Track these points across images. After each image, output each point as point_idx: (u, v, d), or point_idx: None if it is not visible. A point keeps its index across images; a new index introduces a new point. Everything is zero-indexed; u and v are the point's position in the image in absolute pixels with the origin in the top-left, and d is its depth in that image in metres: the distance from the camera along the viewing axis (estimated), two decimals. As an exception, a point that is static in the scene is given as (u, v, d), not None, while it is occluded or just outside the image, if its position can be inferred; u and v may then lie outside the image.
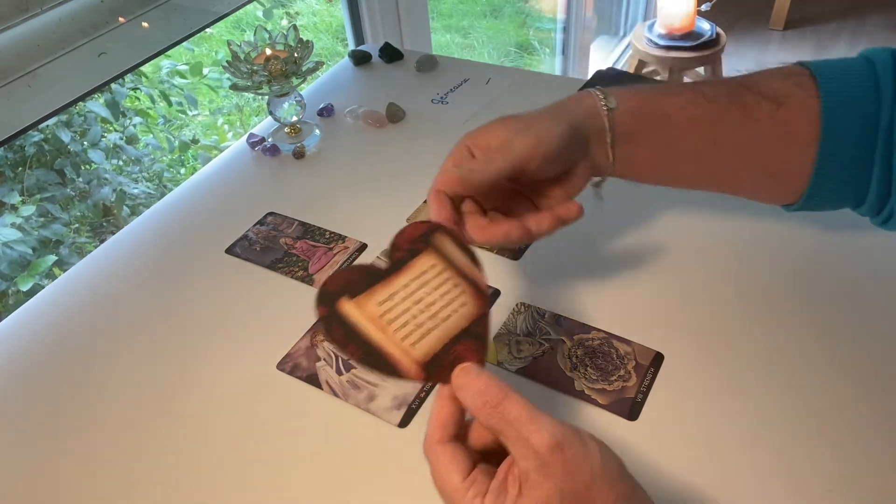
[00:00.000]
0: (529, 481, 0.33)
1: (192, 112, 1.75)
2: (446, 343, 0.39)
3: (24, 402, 0.55)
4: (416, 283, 0.40)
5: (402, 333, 0.39)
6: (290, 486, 0.48)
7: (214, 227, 0.70)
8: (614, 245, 0.63)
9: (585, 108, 0.48)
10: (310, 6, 2.34)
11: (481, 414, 0.35)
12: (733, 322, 0.55)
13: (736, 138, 0.48)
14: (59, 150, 1.34)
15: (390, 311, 0.39)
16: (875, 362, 0.51)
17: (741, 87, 0.47)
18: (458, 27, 2.51)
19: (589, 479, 0.33)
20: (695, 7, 2.04)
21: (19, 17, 0.66)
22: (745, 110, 0.47)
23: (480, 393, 0.35)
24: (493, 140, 0.47)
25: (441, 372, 0.38)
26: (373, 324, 0.39)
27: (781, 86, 0.46)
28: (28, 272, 1.20)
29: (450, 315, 0.40)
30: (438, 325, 0.39)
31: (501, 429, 0.34)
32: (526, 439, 0.33)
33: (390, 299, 0.39)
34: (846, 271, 0.58)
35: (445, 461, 0.35)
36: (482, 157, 0.47)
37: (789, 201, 0.50)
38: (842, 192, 0.48)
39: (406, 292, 0.40)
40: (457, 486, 0.35)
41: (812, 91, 0.45)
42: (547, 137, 0.46)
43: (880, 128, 0.45)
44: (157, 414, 0.53)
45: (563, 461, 0.32)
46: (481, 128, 0.48)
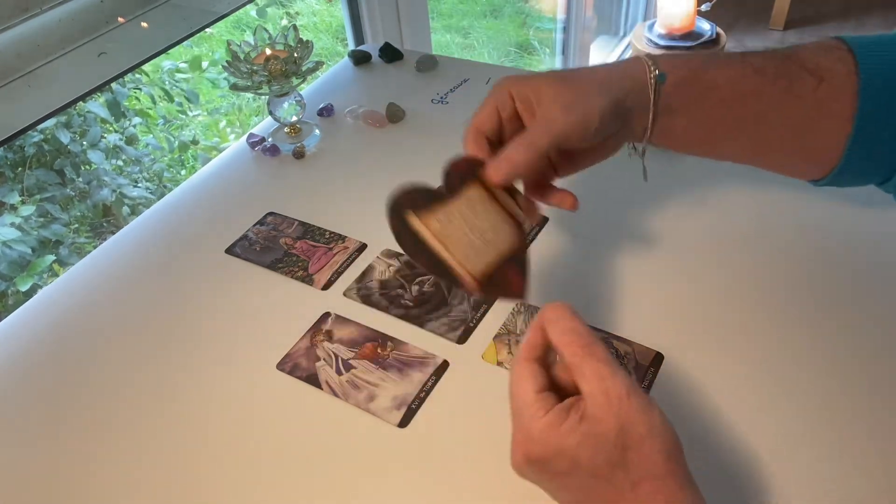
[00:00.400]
0: (592, 415, 0.36)
1: (193, 112, 1.75)
2: (497, 265, 0.44)
3: (24, 402, 0.55)
4: (468, 209, 0.45)
5: (463, 252, 0.44)
6: (290, 486, 0.48)
7: (214, 227, 0.70)
8: (614, 245, 0.63)
9: (634, 81, 0.47)
10: (310, 6, 2.34)
11: (567, 348, 0.38)
12: (733, 322, 0.55)
13: (778, 113, 0.47)
14: (58, 150, 1.34)
15: (448, 229, 0.44)
16: (876, 361, 0.51)
17: (787, 60, 0.47)
18: (458, 27, 2.51)
19: (644, 432, 0.35)
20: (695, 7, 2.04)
21: (19, 17, 0.66)
22: (789, 84, 0.46)
23: (571, 331, 0.38)
24: (538, 104, 0.47)
25: (493, 288, 0.44)
26: (436, 238, 0.44)
27: (823, 60, 0.46)
28: (27, 272, 1.20)
29: (497, 241, 0.44)
30: (488, 249, 0.44)
31: (581, 365, 0.37)
32: (602, 379, 0.36)
33: (448, 219, 0.44)
34: (847, 270, 0.58)
35: (525, 375, 0.39)
36: (535, 120, 0.47)
37: (818, 176, 0.50)
38: (872, 169, 0.48)
39: (461, 216, 0.44)
40: (528, 397, 0.38)
41: (852, 67, 0.45)
42: (592, 116, 0.46)
43: None
44: (156, 414, 0.53)
45: (627, 407, 0.35)
46: (527, 78, 0.47)
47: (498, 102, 0.47)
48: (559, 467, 0.36)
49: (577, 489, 0.36)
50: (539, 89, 0.47)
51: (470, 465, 0.48)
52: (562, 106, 0.46)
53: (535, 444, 0.36)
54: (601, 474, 0.35)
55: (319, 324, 0.58)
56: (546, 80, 0.47)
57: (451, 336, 0.56)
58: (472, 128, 0.48)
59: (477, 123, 0.48)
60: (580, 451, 0.35)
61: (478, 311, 0.58)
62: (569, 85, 0.46)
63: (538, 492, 0.46)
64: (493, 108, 0.47)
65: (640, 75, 0.47)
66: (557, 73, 0.48)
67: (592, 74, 0.47)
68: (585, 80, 0.47)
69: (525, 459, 0.37)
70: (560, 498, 0.39)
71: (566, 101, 0.46)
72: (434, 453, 0.49)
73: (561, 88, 0.46)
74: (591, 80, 0.47)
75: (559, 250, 0.63)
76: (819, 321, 0.55)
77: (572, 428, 0.36)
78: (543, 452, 0.36)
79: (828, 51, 0.46)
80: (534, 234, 0.65)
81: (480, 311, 0.58)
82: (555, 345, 0.39)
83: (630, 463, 0.35)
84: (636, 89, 0.47)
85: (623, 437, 0.35)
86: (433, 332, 0.57)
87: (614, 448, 0.35)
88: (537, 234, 0.65)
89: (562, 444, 0.36)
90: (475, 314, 0.58)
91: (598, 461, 0.35)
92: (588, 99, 0.46)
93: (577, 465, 0.36)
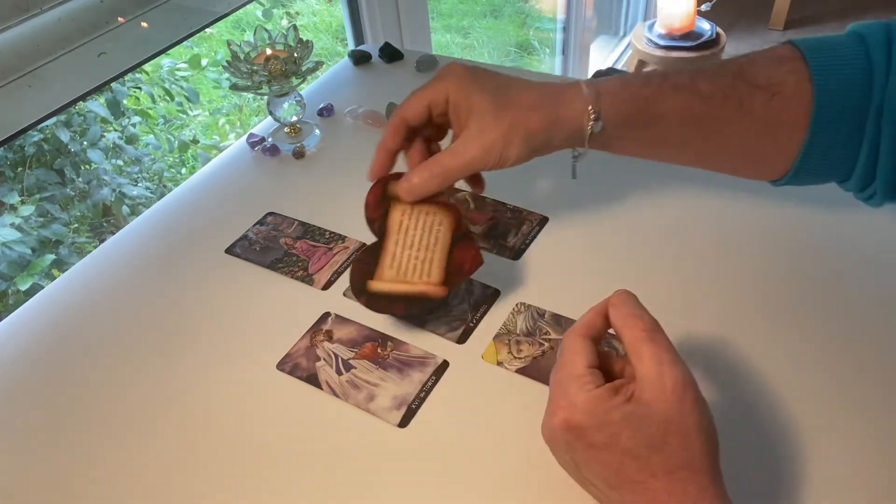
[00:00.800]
0: (642, 398, 0.36)
1: (193, 112, 1.75)
2: (446, 258, 0.50)
3: (24, 402, 0.55)
4: (402, 235, 0.50)
5: (417, 274, 0.50)
6: (290, 486, 0.48)
7: (214, 227, 0.70)
8: (614, 245, 0.63)
9: (570, 131, 0.49)
10: (310, 6, 2.34)
11: (629, 331, 0.38)
12: (733, 323, 0.55)
13: (727, 131, 0.48)
14: (58, 149, 1.33)
15: (400, 266, 0.50)
16: (878, 362, 0.51)
17: (737, 80, 0.47)
18: (458, 27, 2.51)
19: (692, 425, 0.36)
20: (695, 7, 2.04)
21: (19, 17, 0.66)
22: (739, 104, 0.47)
23: (636, 316, 0.39)
24: (465, 122, 0.49)
25: (456, 277, 0.51)
26: (396, 283, 0.50)
27: (775, 73, 0.47)
28: (27, 271, 1.20)
29: (437, 238, 0.50)
30: (434, 251, 0.50)
31: (641, 348, 0.37)
32: (661, 364, 0.36)
33: (394, 259, 0.50)
34: (839, 270, 0.58)
35: (579, 349, 0.39)
36: (454, 146, 0.50)
37: (774, 178, 0.51)
38: (828, 170, 0.49)
39: (400, 247, 0.50)
40: (579, 370, 0.38)
41: (805, 76, 0.46)
42: (508, 160, 0.49)
43: (870, 110, 0.45)
44: (156, 414, 0.53)
45: (681, 398, 0.36)
46: (467, 88, 0.49)
47: (432, 100, 0.49)
48: (596, 440, 0.36)
49: (607, 464, 0.37)
50: (472, 110, 0.48)
51: (470, 465, 0.48)
52: (482, 146, 0.48)
53: (579, 412, 0.37)
54: (638, 454, 0.36)
55: (319, 324, 0.58)
56: (482, 100, 0.48)
57: (451, 336, 0.56)
58: (399, 117, 0.50)
59: (404, 114, 0.50)
60: (622, 428, 0.36)
61: (478, 311, 0.58)
62: (498, 122, 0.48)
63: (538, 491, 0.46)
64: (425, 104, 0.49)
65: (577, 124, 0.48)
66: (497, 97, 0.48)
67: (527, 118, 0.48)
68: (517, 122, 0.48)
69: (565, 425, 0.37)
70: (585, 471, 0.39)
71: (487, 141, 0.48)
72: (434, 453, 0.49)
73: (489, 122, 0.48)
74: (523, 123, 0.48)
75: (559, 250, 0.63)
76: (822, 321, 0.55)
77: (619, 405, 0.36)
78: (585, 421, 0.37)
79: (780, 62, 0.47)
80: (534, 233, 0.65)
81: (480, 311, 0.58)
82: (616, 327, 0.39)
83: (670, 450, 0.35)
84: (570, 137, 0.49)
85: (668, 425, 0.35)
86: (433, 332, 0.57)
87: (657, 432, 0.35)
88: (538, 234, 0.65)
89: (606, 417, 0.36)
90: (475, 314, 0.58)
91: (637, 441, 0.35)
92: (509, 147, 0.48)
93: (616, 442, 0.36)
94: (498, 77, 0.50)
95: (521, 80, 0.50)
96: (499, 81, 0.49)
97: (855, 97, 0.45)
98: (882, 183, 0.47)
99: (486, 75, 0.50)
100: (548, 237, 0.65)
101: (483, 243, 0.64)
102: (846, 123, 0.46)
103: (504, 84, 0.49)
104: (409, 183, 0.52)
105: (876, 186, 0.48)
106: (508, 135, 0.48)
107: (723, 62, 0.49)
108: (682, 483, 0.35)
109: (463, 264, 0.51)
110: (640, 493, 0.36)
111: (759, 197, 0.66)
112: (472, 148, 0.49)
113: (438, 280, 0.51)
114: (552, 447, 0.41)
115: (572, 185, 0.68)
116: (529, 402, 0.51)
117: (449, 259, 0.51)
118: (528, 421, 0.50)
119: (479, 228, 0.65)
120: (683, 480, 0.35)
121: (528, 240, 0.64)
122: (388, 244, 0.51)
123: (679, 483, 0.35)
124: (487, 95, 0.48)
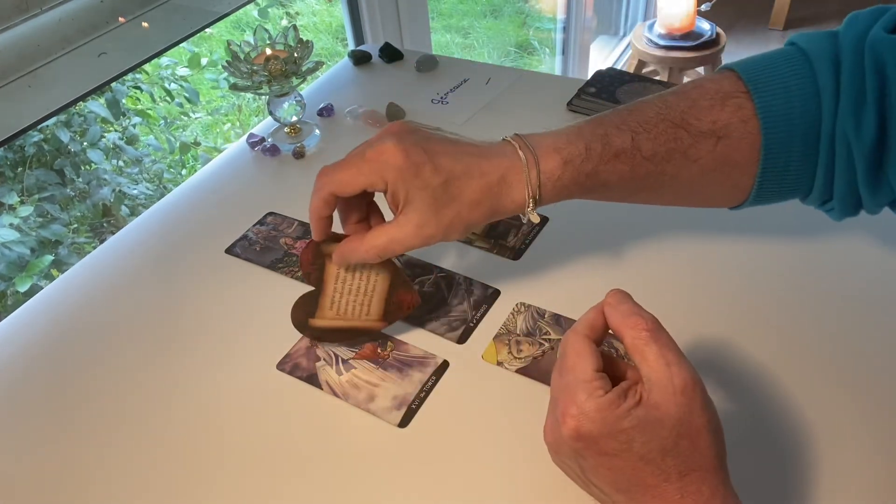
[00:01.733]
0: (652, 401, 0.36)
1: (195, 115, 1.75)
2: (385, 300, 0.53)
3: (24, 402, 0.55)
4: (340, 283, 0.53)
5: (356, 313, 0.54)
6: (290, 486, 0.48)
7: (214, 227, 0.70)
8: (614, 245, 0.63)
9: (513, 212, 0.49)
10: (310, 6, 2.34)
11: (630, 331, 0.37)
12: (732, 323, 0.55)
13: (676, 182, 0.48)
14: (58, 150, 1.33)
15: (339, 307, 0.54)
16: (888, 362, 0.51)
17: (678, 129, 0.46)
18: (458, 27, 2.51)
19: (702, 426, 0.36)
20: (695, 7, 2.04)
21: (19, 17, 0.66)
22: (684, 156, 0.46)
23: (636, 314, 0.38)
24: (403, 208, 0.47)
25: (395, 314, 0.54)
26: (336, 320, 0.54)
27: (719, 116, 0.46)
28: (26, 272, 1.20)
29: (374, 286, 0.53)
30: (372, 296, 0.53)
31: (644, 350, 0.37)
32: (668, 365, 0.36)
33: (333, 302, 0.53)
34: (835, 277, 0.58)
35: (585, 352, 0.38)
36: (392, 229, 0.48)
37: (732, 206, 0.51)
38: (786, 193, 0.49)
39: (339, 293, 0.53)
40: (587, 374, 0.37)
41: (750, 112, 0.45)
42: (445, 240, 0.48)
43: (821, 134, 0.45)
44: (156, 414, 0.53)
45: (691, 398, 0.35)
46: (405, 178, 0.46)
47: (369, 182, 0.47)
48: (609, 447, 0.36)
49: (621, 470, 0.36)
50: (411, 203, 0.47)
51: (470, 465, 0.48)
52: (421, 237, 0.48)
53: (590, 420, 0.36)
54: (652, 458, 0.35)
55: (319, 324, 0.58)
56: (423, 197, 0.46)
57: (451, 336, 0.56)
58: (328, 192, 0.48)
59: (336, 190, 0.48)
60: (635, 434, 0.35)
61: (478, 311, 0.58)
62: (439, 219, 0.47)
63: (538, 491, 0.46)
64: (361, 184, 0.47)
65: (518, 210, 0.49)
66: (438, 195, 0.47)
67: (469, 213, 0.48)
68: (458, 218, 0.48)
69: (575, 434, 0.37)
70: (591, 475, 0.38)
71: (426, 234, 0.47)
72: (434, 453, 0.49)
73: (429, 218, 0.47)
74: (465, 219, 0.48)
75: (559, 251, 0.63)
76: (821, 326, 0.55)
77: (629, 410, 0.36)
78: (597, 430, 0.36)
79: (723, 101, 0.46)
80: (534, 233, 0.65)
81: (480, 311, 0.58)
82: (615, 328, 0.39)
83: (682, 452, 0.35)
84: (517, 207, 0.48)
85: (680, 427, 0.35)
86: (433, 332, 0.57)
87: (669, 435, 0.35)
88: (538, 234, 0.65)
89: (618, 425, 0.36)
90: (475, 314, 0.58)
91: (651, 446, 0.35)
92: (448, 236, 0.48)
93: (629, 448, 0.36)
94: (442, 164, 0.47)
95: (464, 163, 0.47)
96: (443, 174, 0.47)
97: (803, 125, 0.44)
98: (838, 202, 0.47)
99: (429, 168, 0.46)
100: (548, 237, 0.65)
101: (483, 243, 0.64)
102: (797, 151, 0.45)
103: (447, 178, 0.47)
104: (340, 256, 0.51)
105: (834, 203, 0.47)
106: (448, 230, 0.48)
107: (663, 108, 0.47)
108: (695, 484, 0.35)
109: (401, 303, 0.54)
110: (652, 496, 0.36)
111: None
112: (410, 237, 0.48)
113: (378, 317, 0.54)
114: (556, 452, 0.40)
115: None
116: (529, 402, 0.51)
117: (388, 300, 0.54)
118: (528, 421, 0.50)
119: (479, 228, 0.65)
120: (697, 481, 0.35)
121: (528, 240, 0.65)
122: (327, 290, 0.53)
123: (693, 484, 0.35)
124: (428, 194, 0.46)
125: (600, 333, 0.40)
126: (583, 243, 0.64)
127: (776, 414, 0.49)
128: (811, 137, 0.45)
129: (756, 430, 0.48)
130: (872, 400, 0.49)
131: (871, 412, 0.48)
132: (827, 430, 0.47)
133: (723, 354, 0.53)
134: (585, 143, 0.47)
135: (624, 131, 0.47)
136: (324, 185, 0.49)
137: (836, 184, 0.46)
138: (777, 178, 0.47)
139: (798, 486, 0.45)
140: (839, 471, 0.45)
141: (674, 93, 0.48)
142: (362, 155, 0.47)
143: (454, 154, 0.47)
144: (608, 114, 0.49)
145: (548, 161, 0.47)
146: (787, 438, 0.47)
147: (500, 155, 0.48)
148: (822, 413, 0.48)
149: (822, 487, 0.44)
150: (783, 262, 0.60)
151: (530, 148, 0.47)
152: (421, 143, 0.47)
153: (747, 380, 0.51)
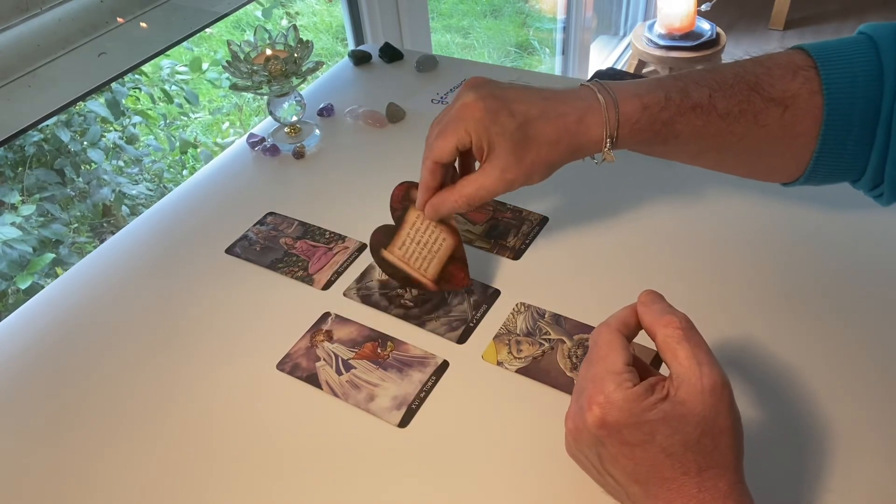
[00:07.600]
0: (679, 397, 0.36)
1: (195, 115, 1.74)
2: (443, 266, 0.57)
3: (24, 402, 0.55)
4: (413, 231, 0.58)
5: (417, 264, 0.58)
6: (290, 486, 0.48)
7: (214, 227, 0.70)
8: (614, 245, 0.63)
9: (586, 153, 0.51)
10: (310, 6, 2.34)
11: (662, 329, 0.38)
12: (733, 323, 0.55)
13: (742, 144, 0.49)
14: (58, 149, 1.33)
15: (406, 252, 0.58)
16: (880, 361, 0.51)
17: (753, 93, 0.48)
18: (458, 27, 2.51)
19: (725, 426, 0.36)
20: (695, 7, 2.04)
21: (19, 17, 0.66)
22: (754, 119, 0.48)
23: (668, 313, 0.39)
24: (488, 155, 0.50)
25: (444, 284, 0.58)
26: (400, 261, 0.59)
27: (789, 86, 0.48)
28: (27, 270, 1.20)
29: (439, 248, 0.57)
30: (435, 256, 0.57)
31: (676, 347, 0.37)
32: (699, 364, 0.37)
33: (403, 244, 0.58)
34: (846, 269, 0.58)
35: (617, 346, 0.39)
36: (477, 178, 0.51)
37: (787, 181, 0.53)
38: (839, 174, 0.50)
39: (410, 239, 0.58)
40: (618, 367, 0.38)
41: (816, 87, 0.47)
42: (528, 183, 0.51)
43: (881, 117, 0.46)
44: (156, 414, 0.53)
45: (719, 398, 0.36)
46: (488, 125, 0.49)
47: (458, 140, 0.50)
48: (631, 437, 0.37)
49: (641, 461, 0.37)
50: (493, 150, 0.50)
51: (470, 465, 0.48)
52: (504, 182, 0.50)
53: (616, 410, 0.37)
54: (673, 451, 0.36)
55: (319, 324, 0.58)
56: (503, 143, 0.49)
57: (451, 336, 0.56)
58: (432, 162, 0.52)
59: (437, 158, 0.51)
60: (659, 427, 0.36)
61: (478, 311, 0.58)
62: (520, 162, 0.50)
63: (538, 490, 0.46)
64: (453, 145, 0.50)
65: (595, 150, 0.50)
66: (517, 139, 0.49)
67: (549, 154, 0.50)
68: (539, 159, 0.50)
69: (600, 422, 0.37)
70: (608, 464, 0.39)
71: (509, 178, 0.50)
72: (434, 453, 0.49)
73: (511, 162, 0.50)
74: (545, 159, 0.50)
75: (559, 250, 0.63)
76: (826, 319, 0.55)
77: (655, 403, 0.36)
78: (622, 419, 0.37)
79: (794, 73, 0.48)
80: (534, 233, 0.65)
81: (480, 311, 0.58)
82: (647, 325, 0.40)
83: (703, 448, 0.36)
84: (595, 147, 0.50)
85: (704, 425, 0.36)
86: (433, 332, 0.57)
87: (693, 431, 0.36)
88: (538, 234, 0.65)
89: (643, 416, 0.36)
90: (475, 314, 0.58)
91: (674, 440, 0.36)
92: (531, 179, 0.51)
93: (651, 440, 0.36)
94: (517, 109, 0.49)
95: (540, 107, 0.50)
96: (519, 118, 0.49)
97: (865, 105, 0.46)
98: (889, 185, 0.48)
99: (505, 113, 0.49)
100: (548, 237, 0.65)
101: (483, 243, 0.64)
102: (856, 130, 0.47)
103: (523, 121, 0.49)
104: (433, 207, 0.54)
105: (884, 187, 0.49)
106: (530, 172, 0.51)
107: (741, 71, 0.49)
108: (713, 480, 0.36)
109: (453, 277, 0.57)
110: (668, 489, 0.37)
111: (762, 195, 0.66)
112: (495, 182, 0.51)
113: (432, 276, 0.58)
114: (575, 440, 0.40)
115: (572, 185, 0.68)
116: (529, 402, 0.51)
117: (444, 268, 0.57)
118: (528, 421, 0.50)
119: (479, 228, 0.65)
120: (715, 477, 0.36)
121: (528, 240, 0.65)
122: (402, 232, 0.58)
123: (710, 480, 0.36)
124: (507, 138, 0.49)
125: (632, 330, 0.41)
126: (583, 243, 0.64)
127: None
128: (870, 117, 0.46)
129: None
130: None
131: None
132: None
133: (735, 356, 0.53)
134: (665, 92, 0.49)
135: (702, 87, 0.49)
136: (426, 157, 0.52)
137: (888, 165, 0.47)
138: (835, 154, 0.48)
139: (812, 488, 0.45)
140: (852, 474, 0.45)
141: (749, 59, 0.50)
142: (449, 116, 0.51)
143: (529, 99, 0.50)
144: (687, 71, 0.50)
145: (627, 104, 0.49)
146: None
147: (578, 98, 0.50)
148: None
149: (834, 491, 0.44)
150: (788, 262, 0.60)
151: (609, 92, 0.49)
152: (495, 92, 0.50)
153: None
